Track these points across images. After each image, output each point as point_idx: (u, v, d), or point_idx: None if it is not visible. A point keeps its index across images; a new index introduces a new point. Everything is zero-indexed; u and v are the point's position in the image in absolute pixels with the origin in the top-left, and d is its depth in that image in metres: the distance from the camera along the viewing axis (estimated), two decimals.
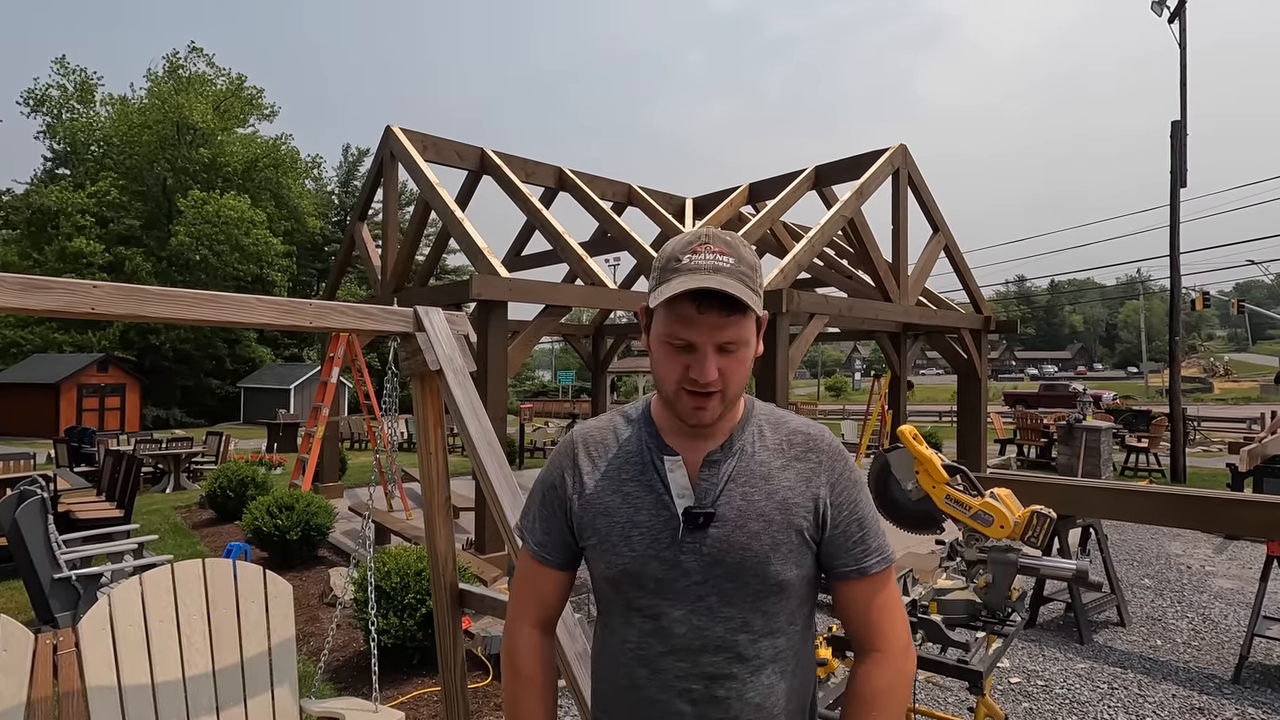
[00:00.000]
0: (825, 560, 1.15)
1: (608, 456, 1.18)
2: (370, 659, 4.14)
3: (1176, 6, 12.39)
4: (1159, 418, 13.45)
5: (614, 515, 1.14)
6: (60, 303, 1.66)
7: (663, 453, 1.14)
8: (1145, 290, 70.11)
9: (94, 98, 35.75)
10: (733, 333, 1.05)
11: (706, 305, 1.03)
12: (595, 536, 1.15)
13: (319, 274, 41.26)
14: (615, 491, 1.15)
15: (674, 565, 1.09)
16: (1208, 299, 23.40)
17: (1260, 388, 44.36)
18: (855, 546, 1.14)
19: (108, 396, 26.30)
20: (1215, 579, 5.85)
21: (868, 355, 66.44)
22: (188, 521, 8.39)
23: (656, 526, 1.11)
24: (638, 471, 1.15)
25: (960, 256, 9.61)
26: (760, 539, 1.09)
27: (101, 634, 2.11)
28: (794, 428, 1.19)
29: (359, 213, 9.35)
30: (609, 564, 1.13)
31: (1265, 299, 78.32)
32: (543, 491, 1.23)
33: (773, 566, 1.09)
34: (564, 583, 1.25)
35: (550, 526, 1.21)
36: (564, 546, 1.21)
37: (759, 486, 1.12)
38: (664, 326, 1.07)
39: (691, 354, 1.06)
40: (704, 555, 1.09)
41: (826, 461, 1.15)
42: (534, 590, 1.25)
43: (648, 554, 1.10)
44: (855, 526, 1.14)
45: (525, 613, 1.25)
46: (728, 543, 1.08)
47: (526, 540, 1.25)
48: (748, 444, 1.15)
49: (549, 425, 19.84)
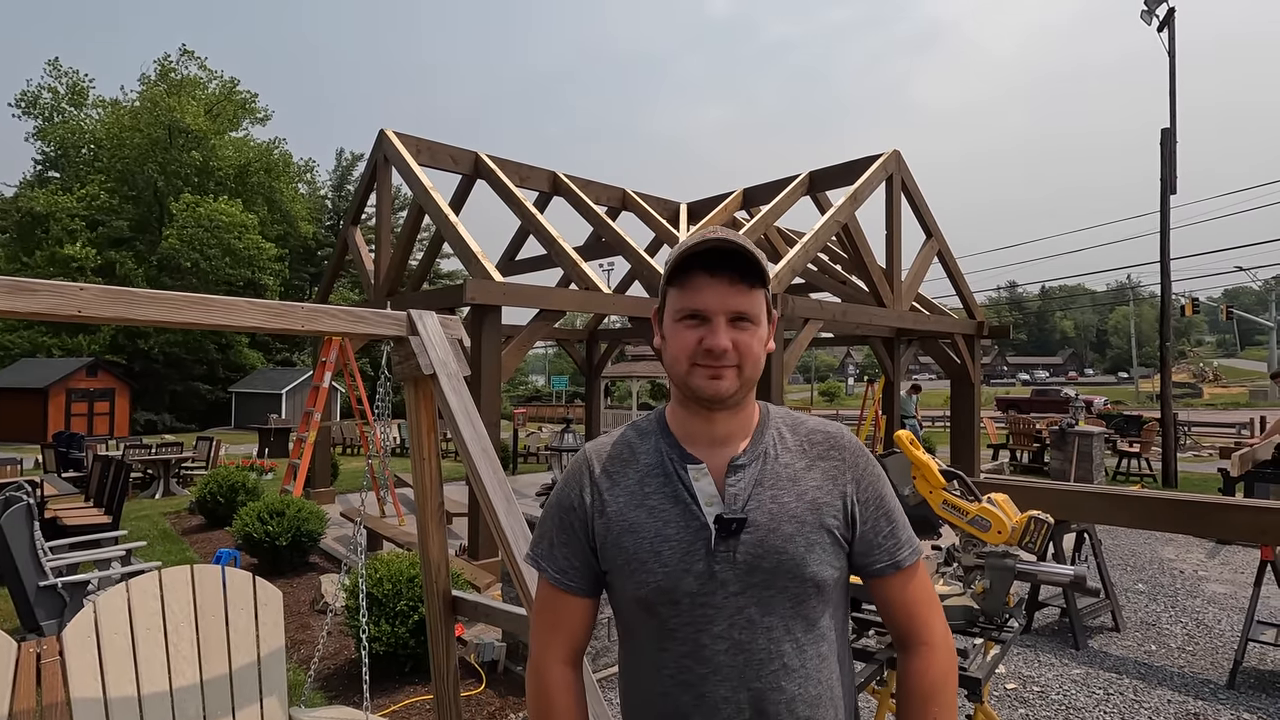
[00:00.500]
0: (859, 559, 1.13)
1: (626, 471, 1.14)
2: (361, 667, 4.10)
3: (1165, 15, 12.51)
4: (1150, 423, 13.52)
5: (641, 531, 1.08)
6: (46, 305, 1.63)
7: (685, 461, 1.10)
8: (1135, 296, 70.62)
9: (86, 100, 35.59)
10: (745, 302, 1.05)
11: (718, 270, 1.04)
12: (622, 556, 1.09)
13: (312, 278, 41.10)
14: (639, 506, 1.10)
15: (709, 578, 1.05)
16: (1197, 305, 23.60)
17: (1249, 393, 44.72)
18: (887, 540, 1.13)
19: (97, 401, 26.08)
20: (1208, 584, 5.87)
21: (860, 360, 66.60)
22: (177, 528, 8.30)
23: (687, 538, 1.06)
24: (661, 484, 1.10)
25: (953, 262, 9.65)
26: (795, 541, 1.06)
27: (86, 642, 2.07)
28: (812, 427, 1.17)
29: (352, 216, 9.31)
30: (639, 583, 1.07)
31: (1253, 304, 79.00)
32: (559, 515, 1.16)
33: (810, 568, 1.06)
34: (589, 611, 1.17)
35: (571, 551, 1.15)
36: (587, 572, 1.14)
37: (787, 489, 1.09)
38: (677, 303, 1.08)
39: (704, 325, 1.06)
40: (739, 563, 1.05)
41: (850, 459, 1.14)
42: (559, 622, 1.16)
43: (680, 568, 1.05)
44: (884, 520, 1.14)
45: (552, 647, 1.16)
46: (763, 547, 1.05)
47: (545, 569, 1.17)
48: (770, 447, 1.12)
49: (542, 430, 19.79)
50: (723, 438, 1.11)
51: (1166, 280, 12.15)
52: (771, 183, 10.06)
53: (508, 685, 3.99)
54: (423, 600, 4.00)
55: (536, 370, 63.86)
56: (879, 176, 8.55)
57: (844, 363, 48.65)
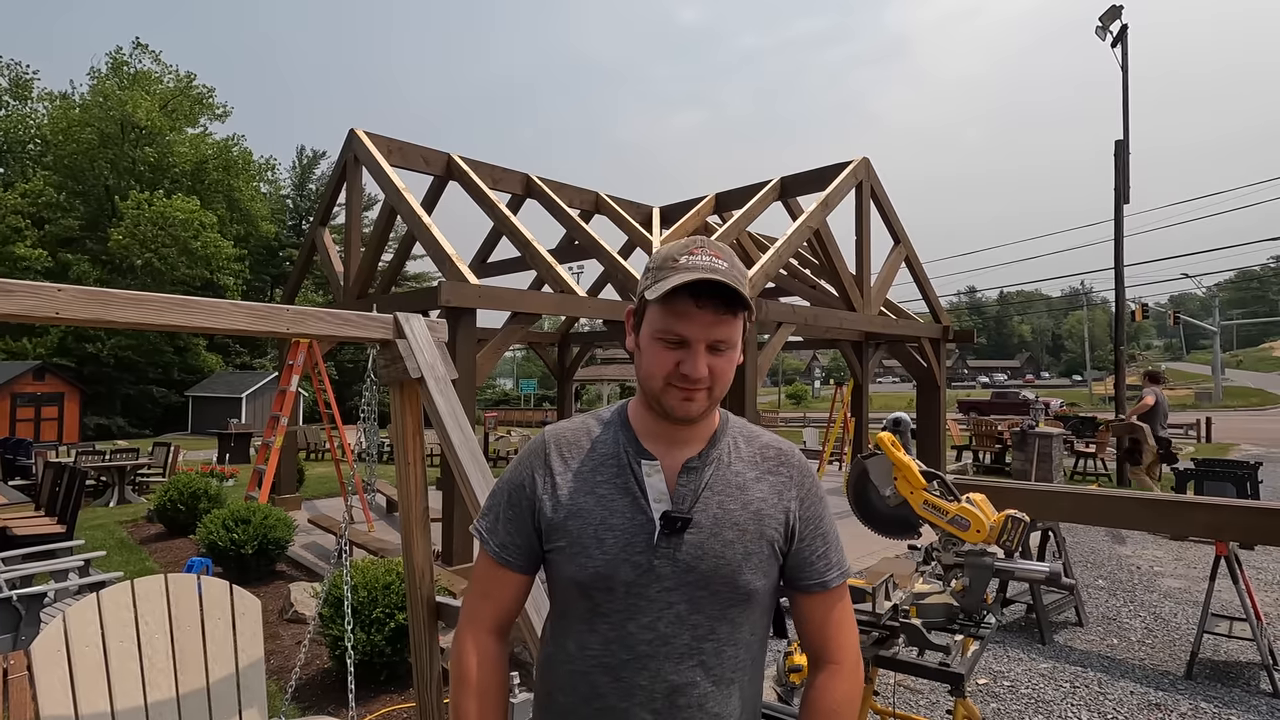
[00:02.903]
0: (789, 573, 1.18)
1: (581, 457, 1.16)
2: (336, 675, 4.02)
3: (1119, 32, 13.00)
4: (1105, 424, 13.99)
5: (586, 517, 1.11)
6: (23, 307, 1.57)
7: (640, 456, 1.13)
8: (1088, 302, 73.04)
9: (30, 93, 34.20)
10: (725, 331, 1.07)
11: (705, 301, 1.05)
12: (565, 539, 1.12)
13: (274, 279, 40.12)
14: (589, 493, 1.13)
15: (646, 570, 1.08)
16: (1146, 311, 24.49)
17: (1195, 395, 46.57)
18: (819, 560, 1.17)
19: (44, 406, 25.07)
20: (1163, 579, 6.10)
21: (827, 364, 67.59)
22: (135, 536, 8.02)
23: (630, 530, 1.10)
24: (613, 474, 1.13)
25: (920, 268, 9.87)
26: (734, 548, 1.10)
27: (56, 656, 1.99)
28: (766, 442, 1.22)
29: (320, 217, 9.13)
30: (579, 566, 1.10)
31: (1198, 310, 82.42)
32: (509, 491, 1.19)
33: (744, 576, 1.10)
34: (523, 587, 1.21)
35: (515, 528, 1.17)
36: (528, 549, 1.17)
37: (735, 496, 1.13)
38: (659, 323, 1.08)
39: (684, 350, 1.07)
40: (678, 561, 1.08)
41: (797, 476, 1.19)
42: (492, 594, 1.20)
43: (620, 557, 1.09)
44: (820, 541, 1.18)
45: (480, 617, 1.20)
46: (702, 549, 1.09)
47: (487, 542, 1.20)
48: (724, 454, 1.16)
49: (511, 434, 19.64)
50: (681, 439, 1.15)
51: (1121, 287, 12.59)
52: (743, 188, 10.16)
53: None
54: (400, 608, 3.93)
55: (504, 374, 63.30)
56: (849, 183, 8.71)
57: (811, 366, 49.31)
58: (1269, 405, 41.16)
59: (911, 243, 9.65)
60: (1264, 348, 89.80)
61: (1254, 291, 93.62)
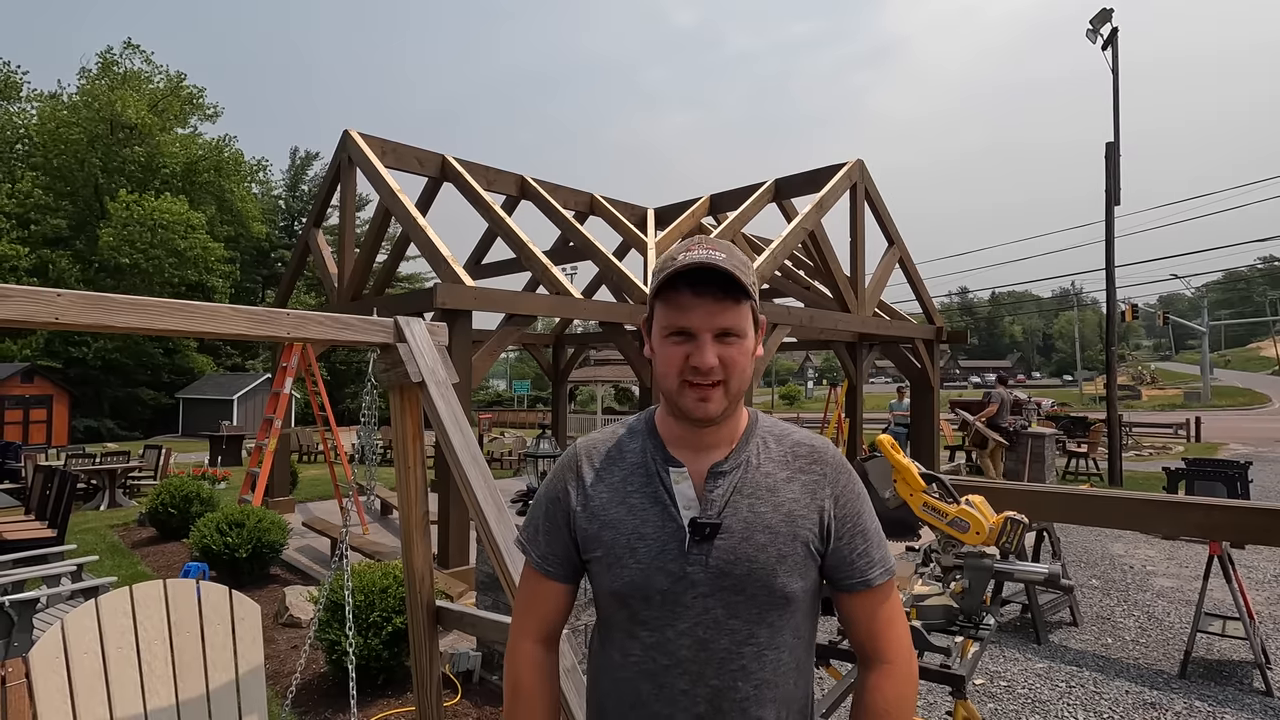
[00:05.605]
0: (829, 573, 1.16)
1: (611, 468, 1.18)
2: (332, 680, 4.00)
3: (1109, 34, 13.10)
4: (1096, 424, 14.08)
5: (619, 527, 1.12)
6: (21, 312, 1.56)
7: (668, 464, 1.13)
8: (1079, 302, 73.56)
9: (19, 94, 33.84)
10: (730, 319, 1.06)
11: (703, 289, 1.06)
12: (600, 549, 1.14)
13: (265, 281, 39.87)
14: (620, 503, 1.14)
15: (680, 577, 1.09)
16: (1136, 311, 24.63)
17: (1184, 394, 46.96)
18: (860, 559, 1.15)
19: (33, 409, 24.79)
20: (1156, 578, 6.14)
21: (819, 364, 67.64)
22: (126, 540, 7.95)
23: (662, 538, 1.10)
24: (643, 483, 1.14)
25: (914, 269, 9.91)
26: (767, 551, 1.09)
27: (55, 663, 1.97)
28: (797, 440, 1.20)
29: (314, 219, 9.08)
30: (614, 577, 1.12)
31: (1187, 311, 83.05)
32: (546, 503, 1.22)
33: (779, 579, 1.09)
34: (567, 597, 1.23)
35: (554, 539, 1.20)
36: (567, 560, 1.20)
37: (765, 499, 1.12)
38: (663, 319, 1.09)
39: (691, 342, 1.07)
40: (710, 567, 1.08)
41: (831, 474, 1.16)
42: (536, 604, 1.23)
43: (653, 566, 1.09)
44: (859, 539, 1.15)
45: (527, 628, 1.23)
46: (734, 554, 1.08)
47: (529, 553, 1.23)
48: (753, 455, 1.15)
49: (505, 435, 19.57)
50: (708, 443, 1.14)
51: (1112, 287, 12.67)
52: (738, 189, 10.18)
53: (484, 695, 3.93)
54: (396, 611, 3.92)
55: (497, 375, 63.14)
56: (843, 185, 8.73)
57: (804, 366, 49.39)
58: (1256, 405, 41.54)
59: (905, 244, 9.69)
60: (1251, 348, 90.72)
61: (1241, 292, 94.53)
